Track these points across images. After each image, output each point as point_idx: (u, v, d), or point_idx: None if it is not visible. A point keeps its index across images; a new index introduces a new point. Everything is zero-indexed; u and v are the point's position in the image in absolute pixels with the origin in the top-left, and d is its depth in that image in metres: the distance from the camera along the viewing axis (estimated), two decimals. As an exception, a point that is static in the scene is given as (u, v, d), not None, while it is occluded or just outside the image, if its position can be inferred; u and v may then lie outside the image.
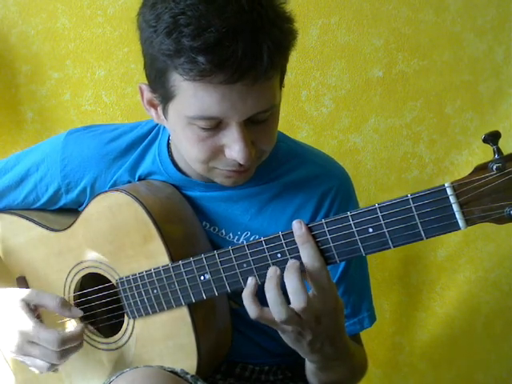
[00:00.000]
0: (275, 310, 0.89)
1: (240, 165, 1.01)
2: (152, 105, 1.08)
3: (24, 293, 1.13)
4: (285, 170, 1.16)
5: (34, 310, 1.13)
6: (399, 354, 1.91)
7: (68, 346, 1.08)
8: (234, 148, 0.98)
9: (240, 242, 1.15)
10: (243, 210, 1.15)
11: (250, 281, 0.94)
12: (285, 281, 0.90)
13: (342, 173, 1.21)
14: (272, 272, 0.92)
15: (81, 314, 1.13)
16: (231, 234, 1.16)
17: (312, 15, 1.71)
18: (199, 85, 0.93)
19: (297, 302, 0.89)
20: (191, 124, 0.99)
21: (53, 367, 1.11)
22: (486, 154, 1.72)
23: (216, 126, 0.98)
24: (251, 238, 1.15)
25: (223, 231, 1.17)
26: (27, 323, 1.08)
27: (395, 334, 1.90)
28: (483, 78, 1.73)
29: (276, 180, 1.16)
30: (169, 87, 0.98)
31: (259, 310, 0.91)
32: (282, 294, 0.90)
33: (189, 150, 1.03)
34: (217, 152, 1.01)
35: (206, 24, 0.90)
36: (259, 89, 0.95)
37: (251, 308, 0.92)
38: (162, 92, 1.00)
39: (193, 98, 0.95)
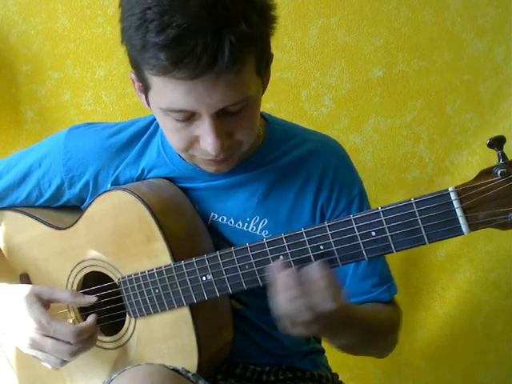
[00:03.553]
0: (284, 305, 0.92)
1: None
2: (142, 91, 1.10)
3: (35, 288, 1.14)
4: (284, 151, 1.17)
5: (46, 305, 1.13)
6: (399, 354, 1.91)
7: (84, 337, 1.09)
8: (206, 139, 1.00)
9: (250, 229, 1.16)
10: (249, 194, 1.16)
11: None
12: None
13: (337, 146, 1.23)
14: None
15: (95, 299, 1.14)
16: (240, 222, 1.16)
17: (312, 15, 1.71)
18: (166, 79, 0.95)
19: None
20: (166, 115, 1.01)
21: (64, 363, 1.12)
22: (486, 153, 1.72)
23: (190, 117, 0.99)
24: (260, 223, 1.15)
25: (232, 220, 1.17)
26: (42, 317, 1.09)
27: (395, 333, 1.90)
28: (483, 77, 1.73)
29: (277, 161, 1.17)
30: (144, 79, 1.00)
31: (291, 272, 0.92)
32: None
33: (169, 139, 1.07)
34: (193, 141, 1.03)
35: (168, 20, 0.90)
36: (225, 83, 0.94)
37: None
38: (141, 83, 1.03)
39: (162, 91, 0.97)
